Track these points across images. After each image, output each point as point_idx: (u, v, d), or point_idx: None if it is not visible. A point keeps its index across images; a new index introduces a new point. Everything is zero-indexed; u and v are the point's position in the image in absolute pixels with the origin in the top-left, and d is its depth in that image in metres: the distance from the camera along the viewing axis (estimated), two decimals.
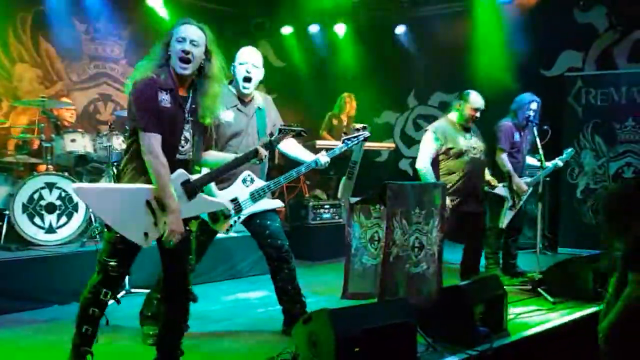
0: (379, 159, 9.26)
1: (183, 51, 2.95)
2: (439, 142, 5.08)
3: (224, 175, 3.45)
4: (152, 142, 2.91)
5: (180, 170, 3.04)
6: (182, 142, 3.05)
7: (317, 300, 4.66)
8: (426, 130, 5.24)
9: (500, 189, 5.61)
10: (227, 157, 3.38)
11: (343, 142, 4.18)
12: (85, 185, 3.43)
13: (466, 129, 5.20)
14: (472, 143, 5.17)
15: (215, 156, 3.38)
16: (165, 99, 2.96)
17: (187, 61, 2.96)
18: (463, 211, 5.05)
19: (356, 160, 4.33)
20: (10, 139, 6.31)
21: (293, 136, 3.72)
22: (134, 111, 2.96)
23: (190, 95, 3.08)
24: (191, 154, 3.11)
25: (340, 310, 3.33)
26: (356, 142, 4.18)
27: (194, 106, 3.07)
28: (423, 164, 5.04)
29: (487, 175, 5.52)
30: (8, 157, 5.97)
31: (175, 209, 2.93)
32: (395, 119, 9.77)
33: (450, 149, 5.07)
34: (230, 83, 4.00)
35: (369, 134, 4.23)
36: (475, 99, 5.16)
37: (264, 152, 3.39)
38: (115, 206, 2.94)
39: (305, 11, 8.84)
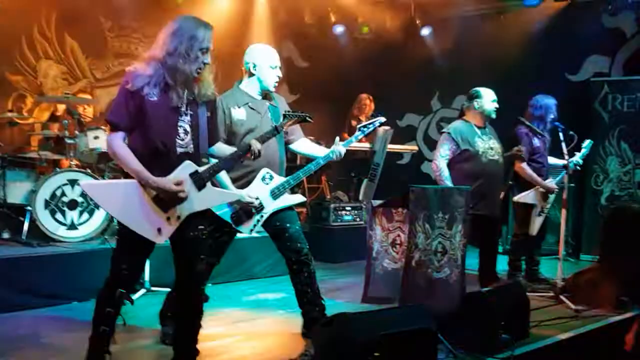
0: (401, 162, 9.22)
1: (204, 63, 3.01)
2: (455, 144, 5.05)
3: (234, 166, 3.43)
4: (114, 139, 2.93)
5: (187, 162, 3.04)
6: (182, 134, 3.03)
7: (337, 303, 4.64)
8: (443, 132, 5.22)
9: (527, 196, 5.53)
10: (231, 149, 3.38)
11: (359, 129, 4.13)
12: (92, 181, 3.43)
13: (482, 129, 5.17)
14: (489, 144, 5.13)
15: (222, 148, 3.37)
16: (152, 92, 2.95)
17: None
18: (478, 215, 4.98)
19: (378, 162, 4.31)
20: (34, 135, 6.35)
21: (298, 122, 3.69)
22: (112, 104, 3.03)
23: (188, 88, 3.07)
24: (192, 146, 3.08)
25: (360, 314, 3.31)
26: (372, 128, 4.12)
27: (191, 97, 3.07)
28: (438, 164, 5.02)
29: None
30: (31, 153, 6.01)
31: (158, 183, 2.93)
32: (419, 122, 9.71)
33: (466, 150, 5.03)
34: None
35: (384, 119, 4.18)
36: (488, 91, 5.21)
37: (257, 146, 3.34)
38: (125, 202, 2.93)
39: (329, 11, 8.82)
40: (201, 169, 3.09)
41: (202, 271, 3.18)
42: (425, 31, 9.14)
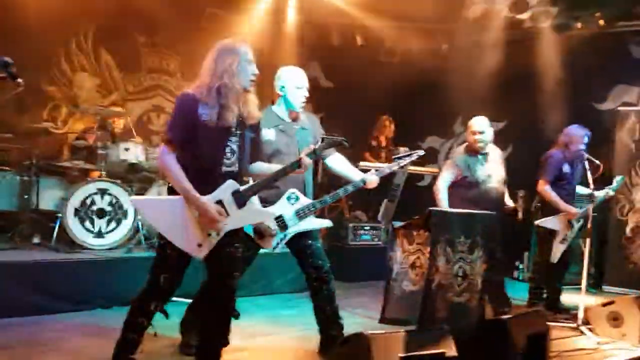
0: (422, 184, 9.22)
1: (254, 74, 3.16)
2: (457, 169, 5.19)
3: (270, 186, 3.47)
4: (167, 155, 3.03)
5: (230, 181, 3.12)
6: (228, 154, 3.13)
7: (354, 322, 4.64)
8: (450, 158, 5.34)
9: (548, 221, 5.51)
10: (272, 167, 3.44)
11: (394, 160, 4.14)
12: (140, 197, 3.54)
13: (482, 155, 5.23)
14: (488, 172, 5.21)
15: (262, 167, 3.44)
16: (205, 112, 3.04)
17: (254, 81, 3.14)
18: None
19: (399, 183, 4.33)
20: (67, 144, 6.52)
21: (335, 145, 3.73)
22: (168, 122, 3.13)
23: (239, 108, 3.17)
24: (237, 165, 3.17)
25: (378, 335, 3.31)
26: (409, 160, 4.13)
27: (241, 118, 3.17)
28: (438, 186, 5.20)
29: (508, 201, 5.51)
30: (63, 162, 6.16)
31: (202, 207, 3.01)
32: (440, 145, 9.73)
33: (466, 177, 5.17)
34: (272, 103, 4.07)
35: (423, 152, 4.21)
36: (472, 122, 5.34)
37: (307, 161, 3.40)
38: (170, 217, 3.03)
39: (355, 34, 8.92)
40: (243, 188, 3.17)
41: (234, 287, 3.23)
42: (451, 55, 9.16)
